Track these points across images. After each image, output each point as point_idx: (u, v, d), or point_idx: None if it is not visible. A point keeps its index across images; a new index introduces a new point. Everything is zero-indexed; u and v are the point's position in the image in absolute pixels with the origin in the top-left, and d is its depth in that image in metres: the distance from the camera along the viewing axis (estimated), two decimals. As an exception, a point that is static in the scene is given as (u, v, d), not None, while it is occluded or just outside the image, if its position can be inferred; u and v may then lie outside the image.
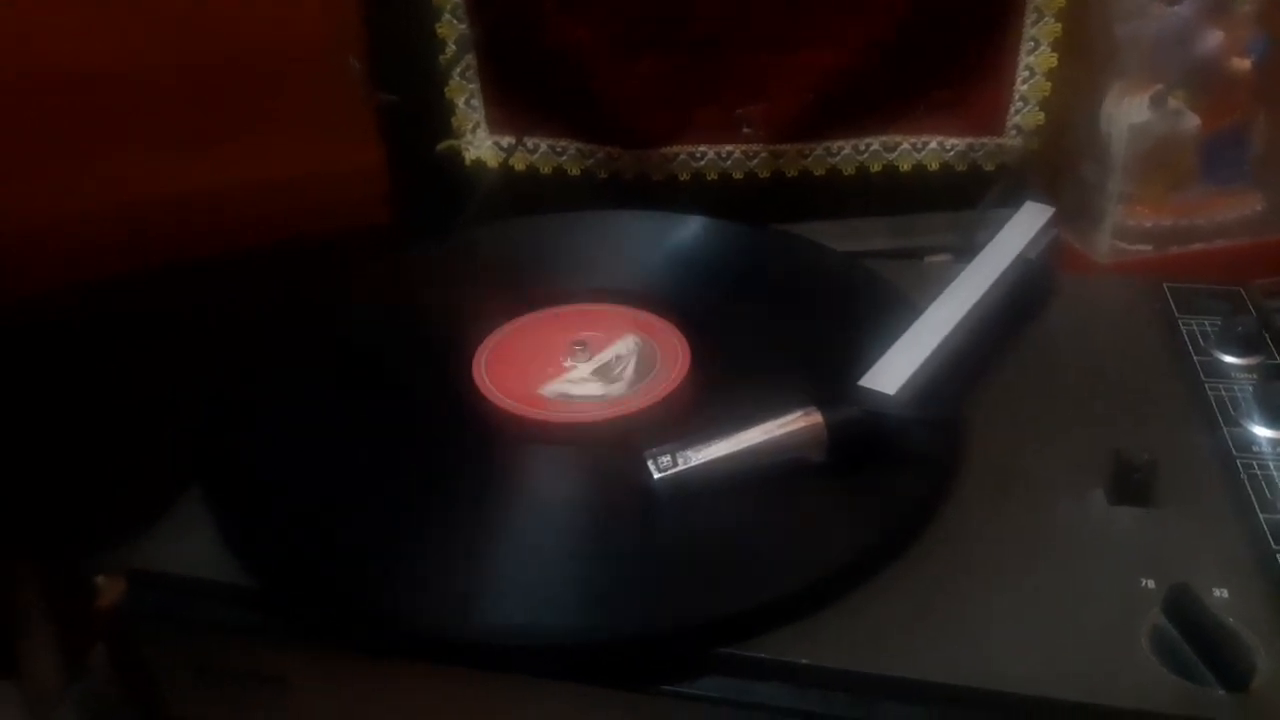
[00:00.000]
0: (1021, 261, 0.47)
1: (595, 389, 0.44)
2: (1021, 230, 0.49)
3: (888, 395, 0.39)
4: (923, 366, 0.41)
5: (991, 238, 0.50)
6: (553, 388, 0.44)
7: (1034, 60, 0.64)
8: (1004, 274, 0.46)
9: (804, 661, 0.33)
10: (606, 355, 0.46)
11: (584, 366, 0.45)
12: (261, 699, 0.38)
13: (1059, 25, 0.63)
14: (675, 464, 0.38)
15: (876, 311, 0.48)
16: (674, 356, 0.46)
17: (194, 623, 0.38)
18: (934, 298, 0.45)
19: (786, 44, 0.64)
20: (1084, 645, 0.34)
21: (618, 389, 0.44)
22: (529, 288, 0.50)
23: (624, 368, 0.45)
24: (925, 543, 0.37)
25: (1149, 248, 0.65)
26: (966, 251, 0.65)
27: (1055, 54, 0.63)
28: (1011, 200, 0.68)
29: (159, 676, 0.39)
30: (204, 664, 0.39)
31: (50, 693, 0.48)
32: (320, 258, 0.64)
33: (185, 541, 0.39)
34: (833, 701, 0.33)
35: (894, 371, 0.40)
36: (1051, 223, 0.50)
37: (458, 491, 0.40)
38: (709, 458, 0.38)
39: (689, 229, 0.54)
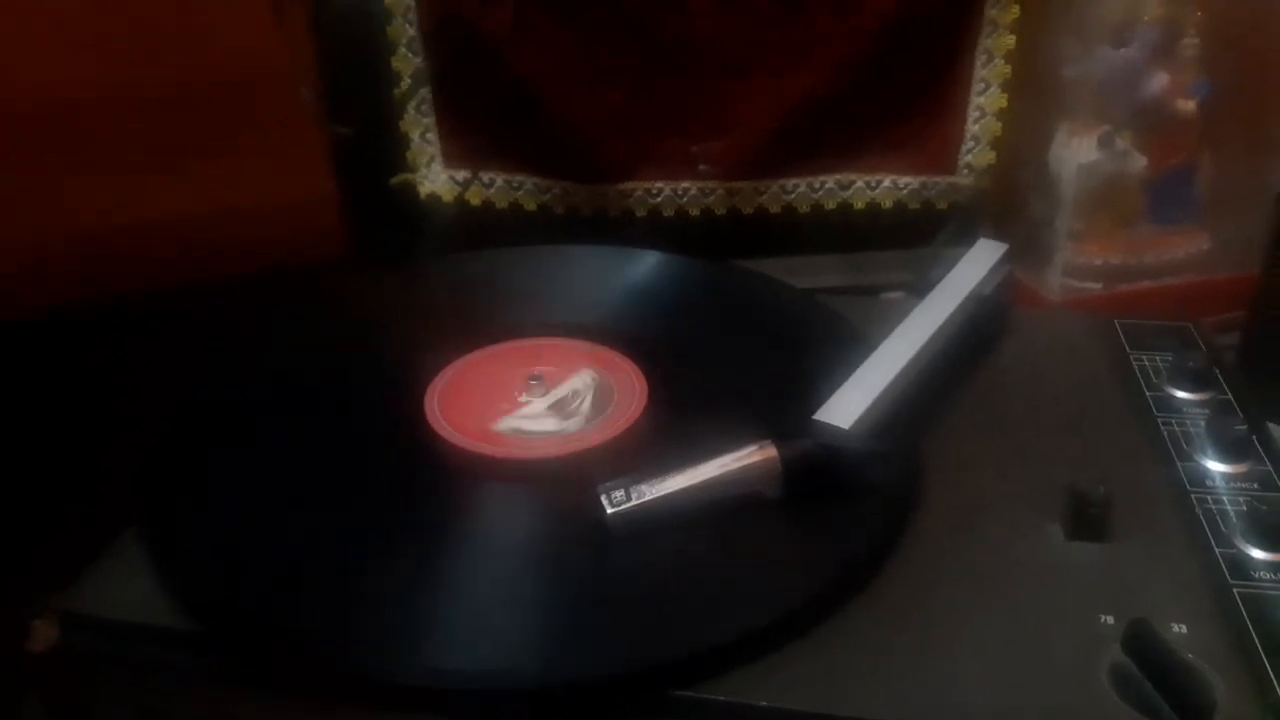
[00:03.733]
0: (975, 297, 0.47)
1: (551, 424, 0.43)
2: (975, 267, 0.49)
3: (842, 429, 0.39)
4: (878, 400, 0.41)
5: (945, 274, 0.50)
6: (507, 423, 0.43)
7: (984, 101, 0.65)
8: (958, 309, 0.46)
9: (762, 704, 0.33)
10: (562, 390, 0.45)
11: (539, 402, 0.45)
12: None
13: (1008, 67, 0.64)
14: (629, 498, 0.37)
15: (832, 346, 0.47)
16: (631, 391, 0.45)
17: (132, 667, 0.36)
18: (889, 333, 0.45)
19: (743, 83, 0.64)
20: (1045, 682, 0.33)
21: (574, 424, 0.43)
22: (483, 322, 0.50)
23: (580, 403, 0.44)
24: (883, 579, 0.37)
25: (1098, 285, 0.66)
26: (920, 288, 0.65)
27: (1005, 94, 0.64)
28: (964, 238, 0.69)
29: (94, 721, 0.38)
30: (144, 711, 0.37)
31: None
32: (269, 290, 0.63)
33: (123, 583, 0.38)
34: (791, 744, 0.33)
35: (849, 405, 0.40)
36: (1004, 259, 0.50)
37: (408, 530, 0.39)
38: (663, 492, 0.37)
39: (645, 264, 0.54)
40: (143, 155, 0.68)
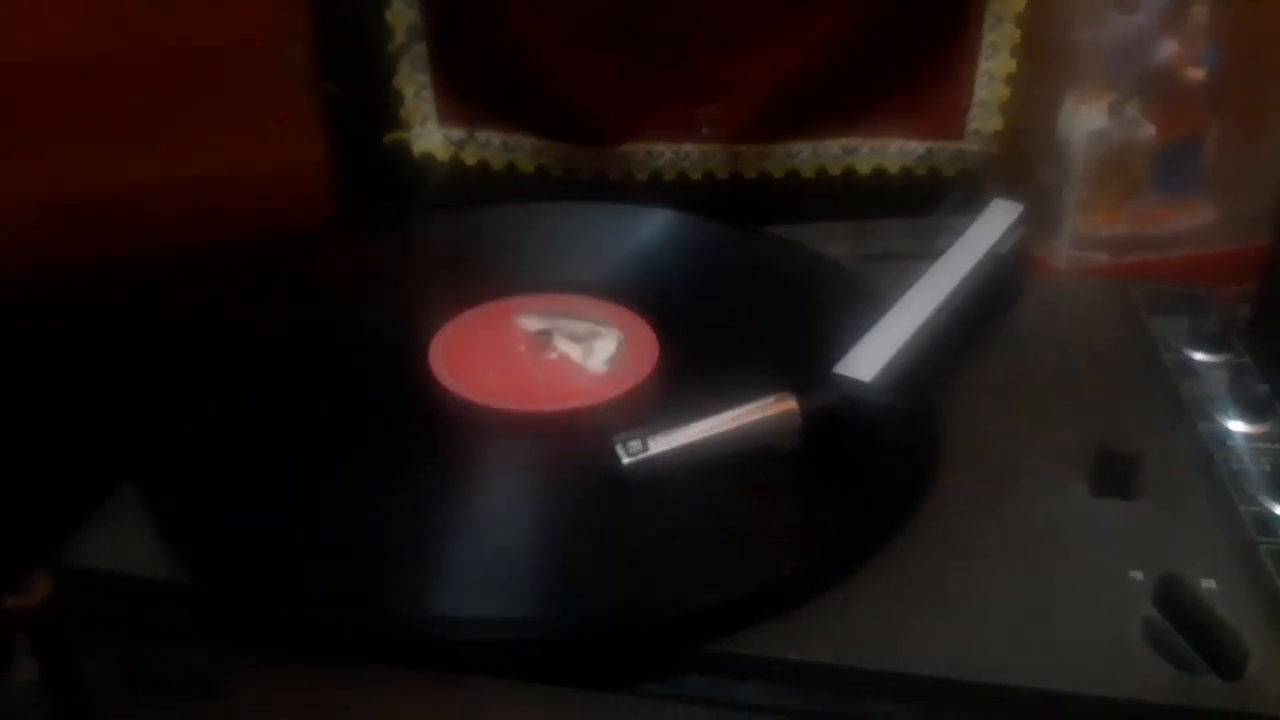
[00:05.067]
0: (992, 256, 0.46)
1: (577, 353, 0.42)
2: (991, 226, 0.48)
3: (864, 382, 0.38)
4: (898, 355, 0.40)
5: (957, 237, 0.49)
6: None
7: (993, 66, 0.64)
8: (975, 268, 0.45)
9: (789, 657, 0.32)
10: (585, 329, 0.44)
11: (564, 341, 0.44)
12: (198, 709, 0.35)
13: (1018, 31, 0.63)
14: (645, 449, 0.36)
15: (844, 305, 0.46)
16: (643, 348, 0.44)
17: (128, 623, 0.35)
18: (905, 291, 0.44)
19: (747, 42, 0.63)
20: (1076, 637, 0.33)
21: (594, 364, 0.42)
22: (488, 278, 0.48)
23: (603, 349, 0.43)
24: (907, 534, 0.36)
25: (1104, 255, 0.65)
26: (924, 257, 0.64)
27: (1014, 59, 0.63)
28: (970, 206, 0.68)
29: (87, 684, 0.36)
30: (137, 670, 0.35)
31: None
32: (260, 252, 0.61)
33: (119, 536, 0.36)
34: (817, 699, 0.32)
35: (869, 359, 0.39)
36: (1020, 220, 0.49)
37: (416, 483, 0.37)
38: (680, 443, 0.36)
39: (657, 222, 0.53)
40: (126, 119, 0.65)
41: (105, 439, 0.42)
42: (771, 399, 0.37)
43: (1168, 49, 0.63)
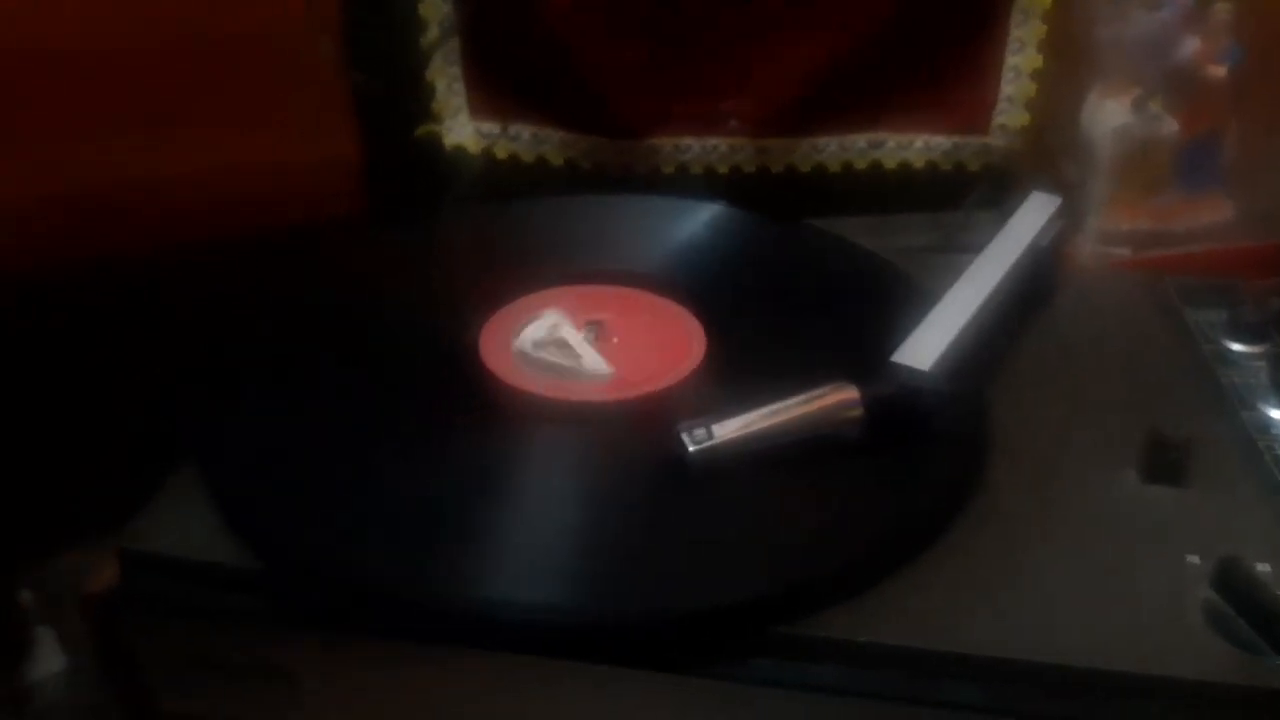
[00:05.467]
0: (1034, 249, 0.47)
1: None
2: (1031, 219, 0.48)
3: (923, 371, 0.38)
4: (952, 345, 0.40)
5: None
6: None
7: (1019, 61, 0.64)
8: (1019, 260, 0.46)
9: (859, 639, 0.32)
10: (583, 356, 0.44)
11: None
12: (261, 690, 0.36)
13: (1044, 26, 0.64)
14: (710, 437, 0.36)
15: (885, 298, 0.47)
16: (689, 340, 0.44)
17: (193, 608, 0.35)
18: (947, 283, 0.45)
19: (775, 37, 0.63)
20: (1138, 619, 0.33)
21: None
22: (534, 268, 0.49)
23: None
24: (966, 520, 0.36)
25: (1127, 251, 0.66)
26: (949, 251, 0.65)
27: (1040, 55, 0.64)
28: (995, 202, 0.69)
29: (150, 667, 0.36)
30: (201, 654, 0.36)
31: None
32: (293, 245, 0.61)
33: (181, 521, 0.36)
34: (887, 680, 0.32)
35: (927, 347, 0.39)
36: (1059, 213, 0.50)
37: (479, 470, 0.38)
38: (744, 431, 0.37)
39: (703, 216, 0.53)
40: (149, 108, 0.65)
41: (156, 421, 0.43)
42: (832, 388, 0.37)
43: (1190, 46, 0.64)
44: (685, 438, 0.36)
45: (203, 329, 0.47)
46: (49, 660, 0.48)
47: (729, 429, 0.36)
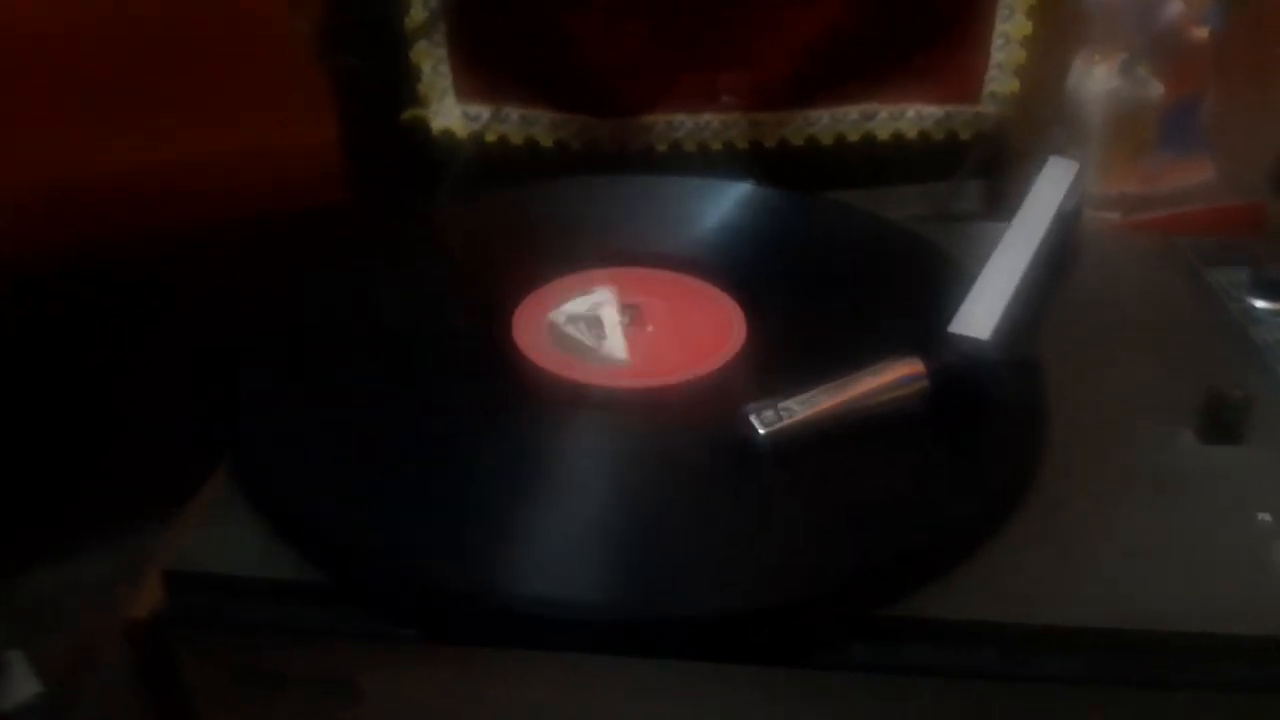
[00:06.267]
0: (1061, 214, 0.47)
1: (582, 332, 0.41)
2: (1054, 184, 0.48)
3: (982, 340, 0.38)
4: (1005, 313, 0.40)
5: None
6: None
7: (1009, 28, 0.64)
8: (1051, 226, 0.45)
9: (952, 618, 0.32)
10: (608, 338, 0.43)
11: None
12: (327, 702, 0.34)
13: (1033, -8, 0.64)
14: (780, 418, 0.35)
15: (918, 271, 0.47)
16: (728, 323, 0.43)
17: (246, 624, 0.33)
18: (972, 254, 0.44)
19: (766, 9, 0.62)
20: (1222, 579, 0.33)
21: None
22: (563, 252, 0.47)
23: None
24: (1038, 490, 0.36)
25: (1116, 215, 0.67)
26: (943, 220, 0.65)
27: (1029, 21, 0.64)
28: (985, 171, 0.69)
29: (200, 689, 0.34)
30: (251, 670, 0.34)
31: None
32: (269, 237, 0.58)
33: (227, 534, 0.34)
34: (983, 658, 0.31)
35: (982, 317, 0.39)
36: (1079, 177, 0.49)
37: (532, 466, 0.36)
38: (813, 410, 0.36)
39: (726, 195, 0.52)
40: (113, 96, 0.62)
41: (177, 429, 0.40)
42: (898, 361, 0.37)
43: (1174, 8, 0.64)
44: (755, 420, 0.35)
45: (209, 327, 0.44)
46: (20, 687, 0.45)
47: (798, 408, 0.35)
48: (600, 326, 0.42)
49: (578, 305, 0.42)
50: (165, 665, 0.34)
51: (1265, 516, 0.35)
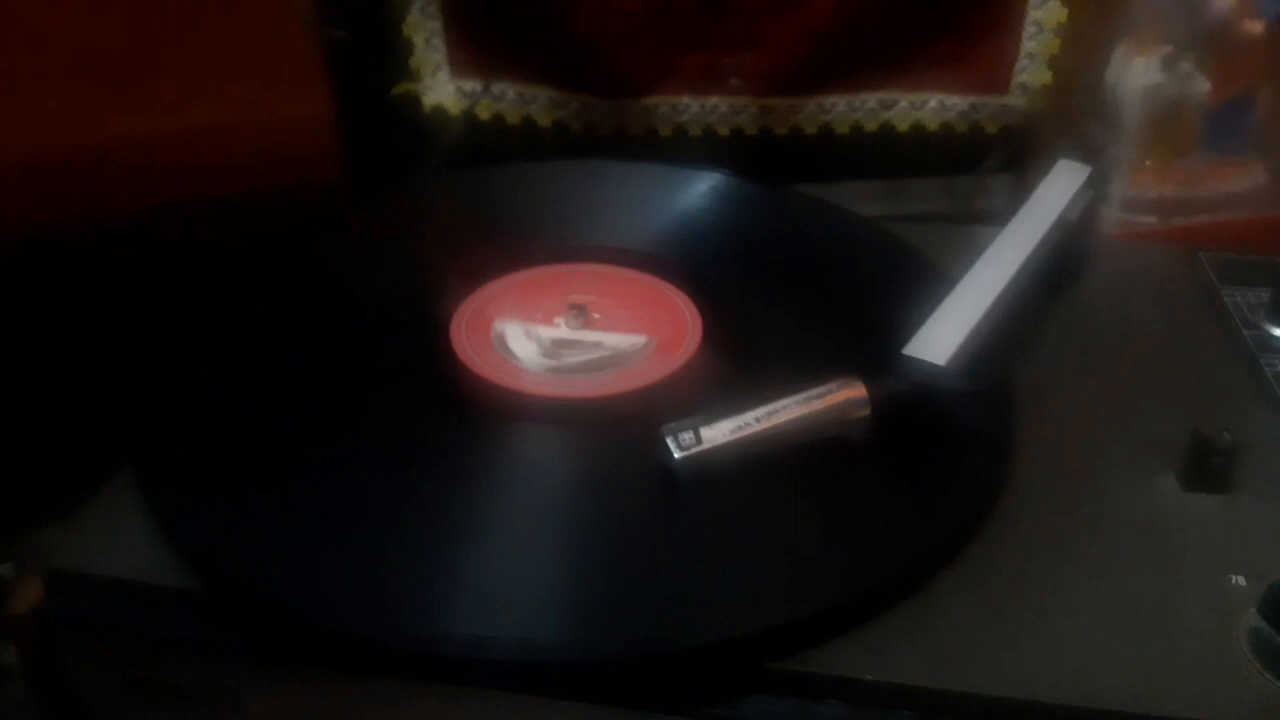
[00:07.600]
0: (1060, 224, 0.43)
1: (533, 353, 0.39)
2: (1059, 190, 0.44)
3: (938, 365, 0.35)
4: (971, 335, 0.36)
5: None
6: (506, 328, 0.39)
7: (1042, 15, 0.60)
8: (1044, 237, 0.42)
9: (866, 677, 0.29)
10: (599, 338, 0.40)
11: (566, 332, 0.40)
12: (203, 716, 0.32)
13: (1070, -23, 0.59)
14: (699, 441, 0.32)
15: (901, 279, 0.43)
16: (683, 325, 0.40)
17: (126, 632, 0.32)
18: (966, 262, 0.41)
19: (780, -12, 0.59)
20: (1176, 651, 0.30)
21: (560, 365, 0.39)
22: (511, 245, 0.44)
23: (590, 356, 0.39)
24: (987, 534, 0.33)
25: (1153, 219, 0.62)
26: (964, 221, 0.61)
27: (1064, 8, 0.59)
28: (1013, 167, 0.64)
29: (83, 693, 0.33)
30: (136, 679, 0.32)
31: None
32: (259, 210, 0.57)
33: (115, 537, 0.33)
34: (897, 720, 0.29)
35: (942, 339, 0.35)
36: (1089, 183, 0.45)
37: (440, 480, 0.34)
38: (737, 435, 0.33)
39: (701, 185, 0.48)
40: (102, 65, 0.61)
41: (87, 421, 0.39)
42: (836, 384, 0.34)
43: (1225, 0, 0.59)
44: (671, 442, 0.32)
45: (149, 308, 0.43)
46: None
47: (720, 432, 0.33)
48: (537, 335, 0.40)
49: (519, 310, 0.40)
50: (50, 665, 0.33)
51: (1239, 580, 0.32)
